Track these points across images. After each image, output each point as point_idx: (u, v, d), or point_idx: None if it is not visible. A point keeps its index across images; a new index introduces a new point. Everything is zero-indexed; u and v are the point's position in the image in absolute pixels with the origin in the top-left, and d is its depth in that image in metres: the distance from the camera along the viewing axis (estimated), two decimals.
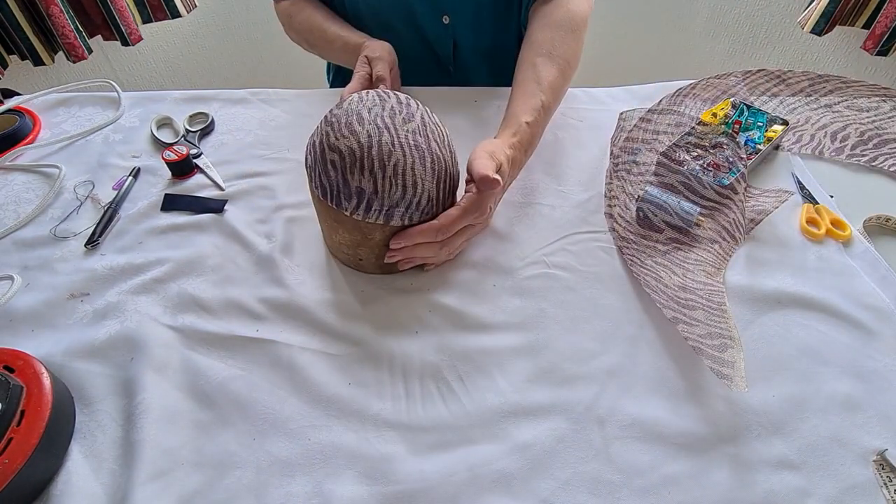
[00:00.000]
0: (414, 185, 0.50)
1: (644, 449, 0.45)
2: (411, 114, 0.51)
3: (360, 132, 0.49)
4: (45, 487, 0.42)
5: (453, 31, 0.80)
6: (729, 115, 0.71)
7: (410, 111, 0.51)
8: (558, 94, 0.67)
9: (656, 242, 0.59)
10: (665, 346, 0.51)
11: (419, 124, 0.51)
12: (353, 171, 0.49)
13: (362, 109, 0.50)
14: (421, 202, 0.51)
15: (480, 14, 0.79)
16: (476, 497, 0.42)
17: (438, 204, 0.53)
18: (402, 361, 0.50)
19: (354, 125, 0.49)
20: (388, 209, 0.50)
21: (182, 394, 0.47)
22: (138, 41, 1.27)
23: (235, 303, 0.54)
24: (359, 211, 0.50)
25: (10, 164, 0.69)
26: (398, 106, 0.51)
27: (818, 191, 0.65)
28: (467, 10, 0.78)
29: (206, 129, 0.74)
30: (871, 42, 1.22)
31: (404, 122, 0.50)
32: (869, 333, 0.52)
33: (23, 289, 0.55)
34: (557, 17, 0.69)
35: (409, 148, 0.49)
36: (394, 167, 0.49)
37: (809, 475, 0.43)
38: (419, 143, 0.50)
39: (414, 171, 0.49)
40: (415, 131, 0.50)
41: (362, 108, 0.51)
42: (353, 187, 0.49)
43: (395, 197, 0.50)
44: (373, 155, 0.48)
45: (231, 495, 0.42)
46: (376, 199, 0.50)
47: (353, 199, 0.50)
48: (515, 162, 0.59)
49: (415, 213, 0.51)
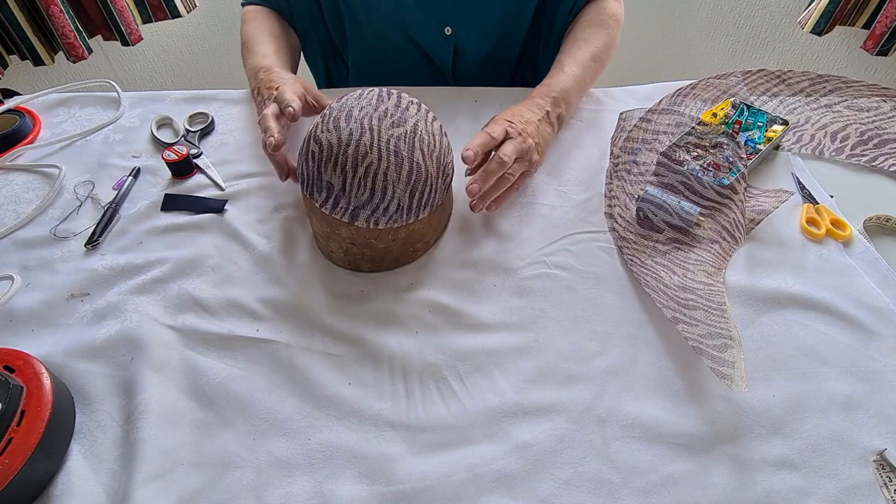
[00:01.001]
0: (384, 189, 0.50)
1: (644, 449, 0.45)
2: (404, 119, 0.51)
3: (344, 129, 0.50)
4: (45, 487, 0.42)
5: (455, 41, 0.80)
6: (729, 115, 0.71)
7: (404, 117, 0.51)
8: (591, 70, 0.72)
9: (656, 242, 0.59)
10: (665, 346, 0.51)
11: (408, 131, 0.51)
12: (327, 165, 0.50)
13: (354, 107, 0.51)
14: (389, 208, 0.51)
15: (485, 25, 0.79)
16: (476, 497, 0.42)
17: (410, 212, 0.52)
18: (402, 361, 0.50)
19: (341, 121, 0.50)
20: (354, 209, 0.51)
21: (182, 394, 0.47)
22: (138, 41, 1.27)
23: (235, 303, 0.54)
24: (326, 205, 0.51)
25: (10, 164, 0.69)
26: (393, 109, 0.51)
27: (818, 191, 0.65)
28: (473, 22, 0.78)
29: (206, 129, 0.74)
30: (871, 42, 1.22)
31: (392, 126, 0.50)
32: (869, 333, 0.52)
33: (23, 289, 0.55)
34: (589, 17, 0.76)
35: (386, 153, 0.49)
36: (365, 169, 0.49)
37: (809, 475, 0.43)
38: (400, 149, 0.50)
39: (386, 176, 0.49)
40: (399, 137, 0.50)
41: (355, 105, 0.51)
42: (325, 181, 0.50)
43: (361, 198, 0.50)
44: (347, 153, 0.49)
45: (231, 495, 0.42)
46: (343, 197, 0.50)
47: (324, 193, 0.51)
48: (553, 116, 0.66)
49: (381, 218, 0.51)
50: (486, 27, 0.79)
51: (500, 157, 0.56)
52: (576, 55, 0.71)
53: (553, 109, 0.66)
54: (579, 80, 0.70)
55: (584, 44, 0.73)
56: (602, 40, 0.74)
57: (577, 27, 0.76)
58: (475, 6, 0.76)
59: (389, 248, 0.55)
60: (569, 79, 0.69)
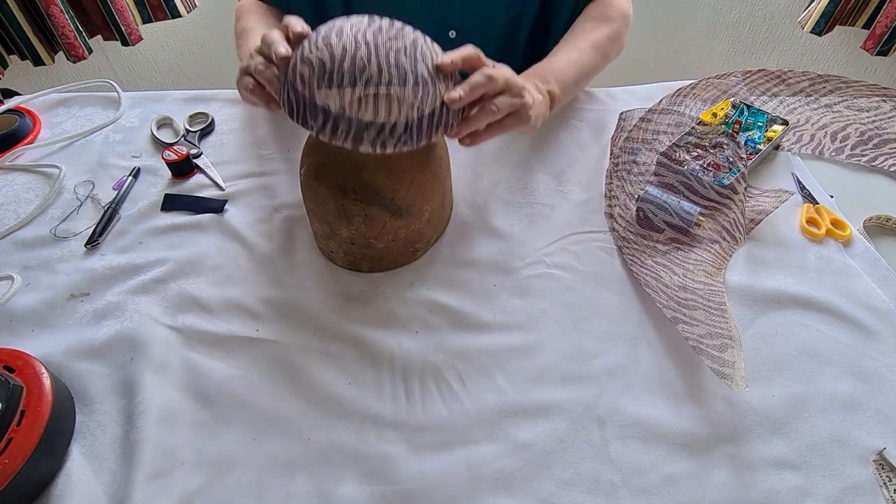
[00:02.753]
0: (388, 106, 0.44)
1: (644, 449, 0.45)
2: (402, 34, 0.46)
3: (336, 44, 0.44)
4: (45, 487, 0.42)
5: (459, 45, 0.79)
6: (729, 115, 0.71)
7: (402, 32, 0.46)
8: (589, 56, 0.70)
9: (656, 242, 0.59)
10: (665, 346, 0.51)
11: (408, 45, 0.45)
12: (321, 85, 0.44)
13: (345, 25, 0.45)
14: (396, 128, 0.45)
15: (490, 28, 0.79)
16: (476, 497, 0.42)
17: (421, 133, 0.47)
18: (402, 361, 0.50)
19: (332, 37, 0.44)
20: (357, 132, 0.45)
21: (182, 394, 0.47)
22: (138, 41, 1.27)
23: (235, 303, 0.54)
24: (324, 131, 0.45)
25: (10, 164, 0.69)
26: (387, 25, 0.46)
27: (818, 191, 0.65)
28: (477, 25, 0.77)
29: (206, 129, 0.74)
30: (871, 42, 1.22)
31: (390, 40, 0.44)
32: (869, 333, 0.52)
33: (23, 289, 0.55)
34: (592, 12, 0.75)
35: (387, 64, 0.43)
36: (365, 83, 0.43)
37: (809, 475, 0.43)
38: (402, 62, 0.44)
39: (390, 90, 0.44)
40: (399, 50, 0.44)
41: (346, 23, 0.46)
42: (320, 105, 0.45)
43: (365, 117, 0.45)
44: (343, 68, 0.43)
45: (231, 495, 0.42)
46: (343, 119, 0.45)
47: (320, 118, 0.45)
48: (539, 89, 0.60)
49: (388, 140, 0.46)
50: (490, 30, 0.79)
51: (489, 75, 0.49)
52: (572, 42, 0.70)
53: (542, 85, 0.62)
54: (575, 62, 0.68)
55: (583, 33, 0.72)
56: (604, 32, 0.72)
57: (578, 21, 0.75)
58: (479, 10, 0.76)
59: (389, 248, 0.55)
60: (562, 61, 0.67)
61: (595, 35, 0.71)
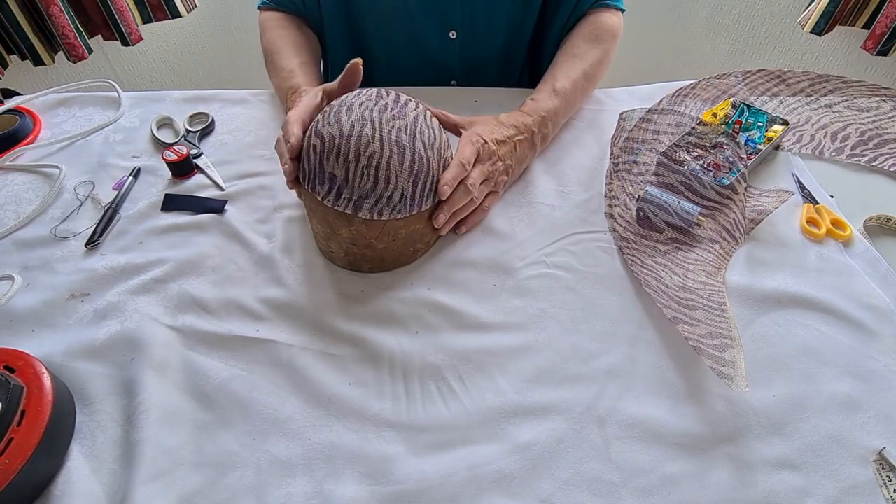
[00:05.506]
0: (387, 179, 0.50)
1: (644, 449, 0.45)
2: (404, 112, 0.52)
3: (345, 121, 0.51)
4: (46, 487, 0.42)
5: (460, 45, 0.79)
6: (729, 115, 0.71)
7: (404, 110, 0.52)
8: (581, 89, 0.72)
9: (656, 242, 0.59)
10: (665, 346, 0.51)
11: (408, 123, 0.52)
12: (329, 157, 0.51)
13: (355, 102, 0.52)
14: (392, 198, 0.51)
15: (491, 29, 0.79)
16: (476, 497, 0.42)
17: (413, 203, 0.53)
18: (402, 361, 0.50)
19: (342, 114, 0.51)
20: (357, 200, 0.51)
21: (182, 394, 0.47)
22: (138, 41, 1.27)
23: (235, 303, 0.54)
24: (329, 197, 0.51)
25: (10, 164, 0.69)
26: (392, 104, 0.52)
27: (818, 191, 0.65)
28: (478, 25, 0.77)
29: (206, 129, 0.74)
30: (871, 42, 1.22)
31: (392, 119, 0.51)
32: (869, 333, 0.52)
33: (23, 289, 0.55)
34: (586, 30, 0.75)
35: (389, 142, 0.50)
36: (368, 158, 0.50)
37: (809, 475, 0.43)
38: (402, 139, 0.51)
39: (389, 165, 0.50)
40: (401, 129, 0.51)
41: (356, 100, 0.52)
42: (327, 173, 0.51)
43: (364, 188, 0.51)
44: (350, 144, 0.50)
45: (231, 495, 0.42)
46: (346, 188, 0.51)
47: (326, 185, 0.51)
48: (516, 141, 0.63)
49: (385, 208, 0.51)
50: (491, 31, 0.79)
51: (465, 186, 0.56)
52: (569, 72, 0.71)
53: (539, 130, 0.65)
54: (570, 98, 0.70)
55: (578, 60, 0.72)
56: (596, 56, 0.73)
57: (572, 40, 0.75)
58: (480, 10, 0.76)
59: (389, 249, 0.55)
60: (559, 98, 0.68)
61: (589, 62, 0.72)
